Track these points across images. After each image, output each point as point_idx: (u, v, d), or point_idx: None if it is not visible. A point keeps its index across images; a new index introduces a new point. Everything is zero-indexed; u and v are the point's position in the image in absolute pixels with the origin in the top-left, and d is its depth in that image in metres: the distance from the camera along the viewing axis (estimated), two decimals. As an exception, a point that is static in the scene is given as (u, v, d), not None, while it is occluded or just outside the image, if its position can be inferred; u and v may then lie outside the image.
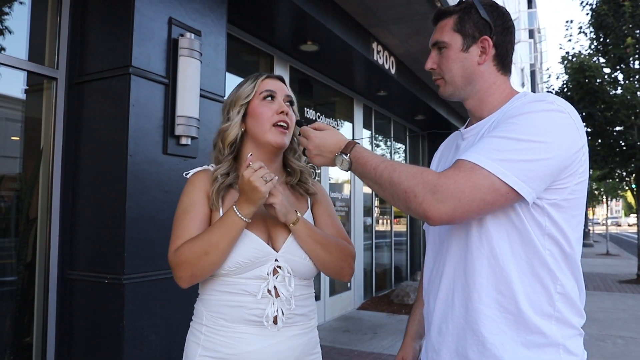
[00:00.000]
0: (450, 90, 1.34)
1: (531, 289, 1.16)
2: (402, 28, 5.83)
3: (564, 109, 1.15)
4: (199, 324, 1.43)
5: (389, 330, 6.10)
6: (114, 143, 2.87)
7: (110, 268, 2.81)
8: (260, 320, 1.36)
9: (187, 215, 1.40)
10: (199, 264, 1.31)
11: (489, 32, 1.29)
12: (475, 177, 1.07)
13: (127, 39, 2.88)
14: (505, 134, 1.11)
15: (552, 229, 1.16)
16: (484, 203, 1.09)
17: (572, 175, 1.14)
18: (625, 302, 8.26)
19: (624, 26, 11.04)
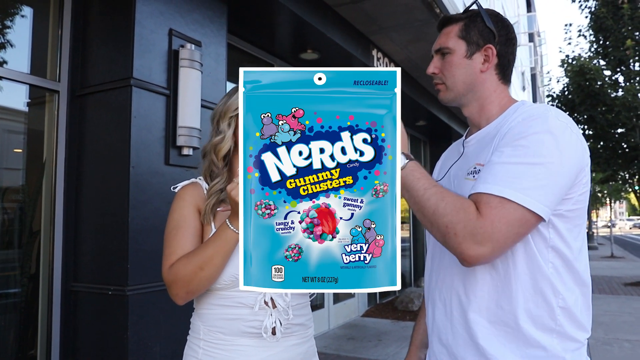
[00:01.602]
0: (451, 95, 1.35)
1: (533, 304, 1.16)
2: (402, 35, 5.84)
3: (567, 122, 1.16)
4: (197, 338, 1.42)
5: (393, 337, 6.08)
6: (116, 154, 2.89)
7: (114, 279, 2.81)
8: (259, 331, 1.36)
9: (180, 231, 1.38)
10: (194, 280, 1.30)
11: (493, 41, 1.31)
12: (507, 212, 1.07)
13: (128, 50, 2.90)
14: (519, 159, 1.11)
15: (556, 240, 1.16)
16: (518, 236, 1.10)
17: (577, 186, 1.15)
18: (631, 305, 8.22)
19: (623, 28, 11.07)
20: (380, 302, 8.36)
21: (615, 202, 21.89)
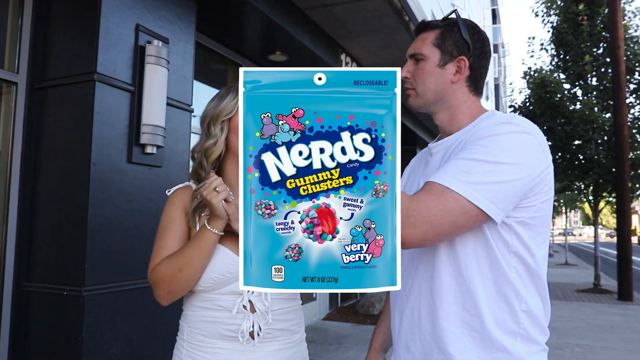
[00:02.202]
0: (420, 102, 1.36)
1: (497, 307, 1.18)
2: (371, 40, 5.89)
3: (530, 130, 1.17)
4: (182, 339, 1.44)
5: (354, 340, 6.11)
6: (76, 151, 2.80)
7: (70, 279, 2.73)
8: (237, 335, 1.36)
9: (166, 233, 1.40)
10: (174, 280, 1.32)
11: (467, 52, 1.31)
12: (446, 200, 1.08)
13: (92, 44, 2.82)
14: (474, 155, 1.12)
15: (519, 246, 1.18)
16: (455, 226, 1.10)
17: (538, 194, 1.17)
18: (583, 311, 8.50)
19: (582, 44, 11.48)
20: (342, 305, 8.38)
21: (571, 211, 22.64)
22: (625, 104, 9.98)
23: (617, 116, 9.94)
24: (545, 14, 12.47)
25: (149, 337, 3.02)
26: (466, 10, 17.68)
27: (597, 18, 11.53)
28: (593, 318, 7.93)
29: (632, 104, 11.36)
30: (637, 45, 11.34)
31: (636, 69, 11.28)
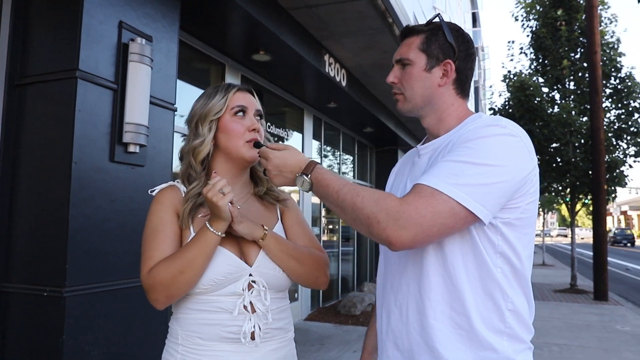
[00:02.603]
0: (409, 107, 1.37)
1: (483, 306, 1.20)
2: (355, 42, 5.91)
3: (516, 133, 1.20)
4: (175, 343, 1.40)
5: (336, 341, 6.11)
6: (57, 149, 2.75)
7: (50, 280, 2.67)
8: (238, 337, 1.35)
9: (159, 235, 1.37)
10: (174, 284, 1.30)
11: (452, 56, 1.33)
12: (436, 202, 1.10)
13: (74, 41, 2.77)
14: (462, 158, 1.14)
15: (504, 246, 1.20)
16: (445, 227, 1.12)
17: (523, 195, 1.19)
18: (560, 311, 8.65)
19: (560, 49, 11.69)
20: (323, 305, 8.39)
21: (548, 212, 23.03)
22: (601, 108, 10.20)
23: (593, 120, 10.15)
24: (524, 18, 12.67)
25: (131, 338, 2.98)
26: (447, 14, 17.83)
27: (575, 24, 11.76)
28: (570, 318, 8.08)
29: (608, 108, 11.62)
30: (612, 51, 11.60)
31: (612, 74, 11.54)
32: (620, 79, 11.55)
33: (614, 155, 11.29)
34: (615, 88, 11.59)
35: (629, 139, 11.36)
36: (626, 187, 11.91)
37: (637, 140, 11.27)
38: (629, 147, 11.45)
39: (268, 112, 6.52)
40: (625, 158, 11.41)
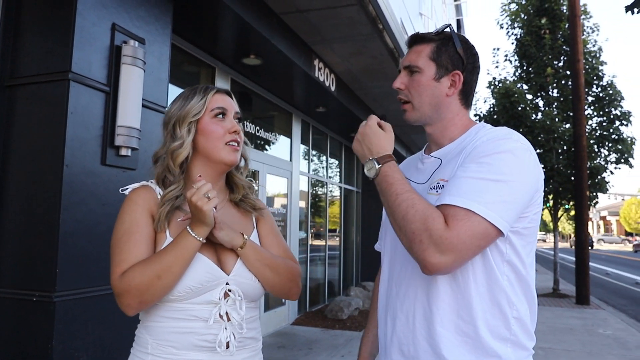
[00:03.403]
0: (417, 116, 1.38)
1: (490, 315, 1.22)
2: (345, 47, 5.94)
3: (527, 146, 1.23)
4: (144, 352, 1.34)
5: (323, 345, 6.11)
6: (48, 152, 2.71)
7: (39, 285, 2.63)
8: (212, 345, 1.32)
9: (133, 237, 1.31)
10: (150, 289, 1.24)
11: (461, 67, 1.35)
12: (472, 225, 1.11)
13: (67, 42, 2.74)
14: (484, 175, 1.16)
15: (512, 255, 1.23)
16: (479, 249, 1.15)
17: (532, 206, 1.22)
18: (543, 315, 8.74)
19: (544, 57, 11.87)
20: (310, 310, 8.38)
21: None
22: (584, 115, 10.36)
23: (576, 127, 10.31)
24: (509, 26, 12.85)
25: (121, 344, 2.94)
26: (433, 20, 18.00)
27: (559, 32, 11.96)
28: (553, 322, 8.17)
29: (590, 116, 11.81)
30: (595, 59, 11.80)
31: (594, 82, 11.75)
32: (602, 87, 11.77)
33: (595, 161, 11.48)
34: (597, 96, 11.80)
35: (610, 146, 11.56)
36: (607, 193, 12.11)
37: (618, 148, 11.47)
38: (610, 154, 11.66)
39: (257, 116, 6.53)
40: (607, 165, 11.61)
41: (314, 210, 9.05)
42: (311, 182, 8.75)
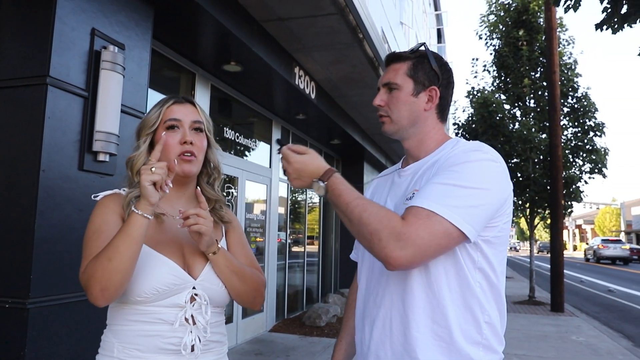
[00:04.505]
0: (395, 128, 1.44)
1: (463, 319, 1.26)
2: (325, 55, 5.98)
3: (496, 158, 1.30)
4: (109, 357, 1.36)
5: (301, 352, 6.11)
6: (25, 156, 2.69)
7: (13, 291, 2.60)
8: (177, 348, 1.35)
9: (101, 235, 1.33)
10: (105, 274, 1.23)
11: (437, 82, 1.42)
12: (432, 224, 1.16)
13: (45, 47, 2.73)
14: (451, 181, 1.22)
15: (483, 262, 1.28)
16: (440, 247, 1.19)
17: (501, 216, 1.28)
18: (519, 322, 8.86)
19: (522, 68, 12.10)
20: (288, 317, 8.36)
21: (507, 226, 23.63)
22: (559, 125, 10.58)
23: (552, 137, 10.52)
24: (488, 37, 13.05)
25: (96, 351, 2.91)
26: (414, 29, 18.23)
27: (536, 44, 12.20)
28: (528, 329, 8.29)
29: (566, 126, 12.05)
30: (570, 71, 12.07)
31: (569, 93, 11.99)
32: (577, 98, 12.02)
33: (570, 171, 11.71)
34: (572, 107, 12.04)
35: (585, 156, 11.80)
36: (581, 202, 12.35)
37: (592, 158, 11.71)
38: (585, 164, 11.89)
39: (237, 122, 6.50)
40: (581, 174, 11.84)
41: (293, 217, 9.06)
42: (290, 188, 8.76)
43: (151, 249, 1.36)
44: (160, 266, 1.34)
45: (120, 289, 1.28)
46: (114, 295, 1.28)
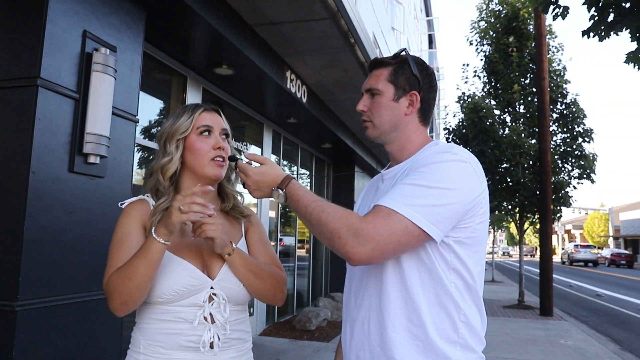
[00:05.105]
0: (377, 133, 1.47)
1: (438, 318, 1.29)
2: (316, 60, 6.00)
3: (466, 159, 1.31)
4: (137, 352, 1.44)
5: (291, 356, 6.10)
6: (14, 158, 2.68)
7: (1, 293, 2.58)
8: (197, 346, 1.41)
9: (122, 245, 1.42)
10: (125, 290, 1.34)
11: (417, 87, 1.44)
12: (392, 221, 1.20)
13: (36, 48, 2.72)
14: (417, 181, 1.25)
15: (457, 263, 1.30)
16: (400, 244, 1.21)
17: (474, 216, 1.29)
18: (508, 326, 8.92)
19: (512, 74, 12.22)
20: (278, 320, 8.35)
21: (497, 230, 23.78)
22: (548, 131, 10.69)
23: (541, 142, 10.62)
24: (478, 43, 13.16)
25: (85, 354, 2.91)
26: (405, 35, 18.33)
27: (525, 50, 12.32)
28: (517, 332, 8.35)
29: (555, 132, 12.17)
30: (559, 78, 12.19)
31: (558, 99, 12.12)
32: (566, 104, 12.15)
33: (559, 176, 11.82)
34: (561, 113, 12.17)
35: (574, 161, 11.92)
36: (570, 207, 12.46)
37: (580, 163, 11.83)
38: (574, 170, 12.01)
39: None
40: (570, 180, 11.95)
41: (284, 220, 9.05)
42: (282, 192, 8.74)
43: (171, 253, 1.42)
44: (179, 269, 1.41)
45: (139, 302, 1.38)
46: (132, 307, 1.39)
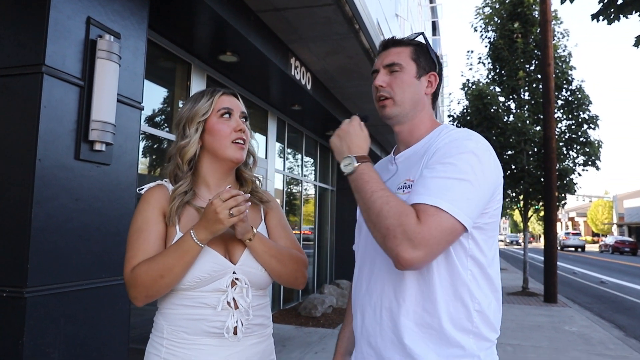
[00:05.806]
0: (397, 111, 1.43)
1: (453, 308, 1.27)
2: (321, 46, 5.97)
3: (487, 146, 1.31)
4: (160, 337, 1.45)
5: (297, 342, 6.14)
6: (20, 146, 2.67)
7: (10, 280, 2.59)
8: (221, 331, 1.41)
9: (142, 234, 1.42)
10: (154, 286, 1.35)
11: (435, 70, 1.45)
12: (441, 220, 1.17)
13: (40, 35, 2.70)
14: (449, 174, 1.22)
15: (475, 250, 1.29)
16: (447, 244, 1.21)
17: (492, 202, 1.29)
18: (513, 313, 8.94)
19: (516, 60, 12.13)
20: (284, 307, 8.40)
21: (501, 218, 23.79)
22: (553, 118, 10.62)
23: (546, 129, 10.56)
24: (483, 29, 13.07)
25: (94, 340, 2.93)
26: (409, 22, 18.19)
27: (530, 37, 12.22)
28: (522, 319, 8.37)
29: (560, 119, 12.10)
30: (564, 64, 12.10)
31: (564, 86, 12.04)
32: (571, 91, 12.07)
33: (564, 163, 11.77)
34: (566, 99, 12.09)
35: (578, 148, 11.87)
36: (575, 194, 12.42)
37: (585, 150, 11.78)
38: (578, 157, 11.97)
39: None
40: (575, 167, 11.91)
41: (288, 208, 9.06)
42: (286, 180, 8.76)
43: None
44: (203, 256, 1.40)
45: (164, 294, 1.40)
46: (155, 299, 1.43)
